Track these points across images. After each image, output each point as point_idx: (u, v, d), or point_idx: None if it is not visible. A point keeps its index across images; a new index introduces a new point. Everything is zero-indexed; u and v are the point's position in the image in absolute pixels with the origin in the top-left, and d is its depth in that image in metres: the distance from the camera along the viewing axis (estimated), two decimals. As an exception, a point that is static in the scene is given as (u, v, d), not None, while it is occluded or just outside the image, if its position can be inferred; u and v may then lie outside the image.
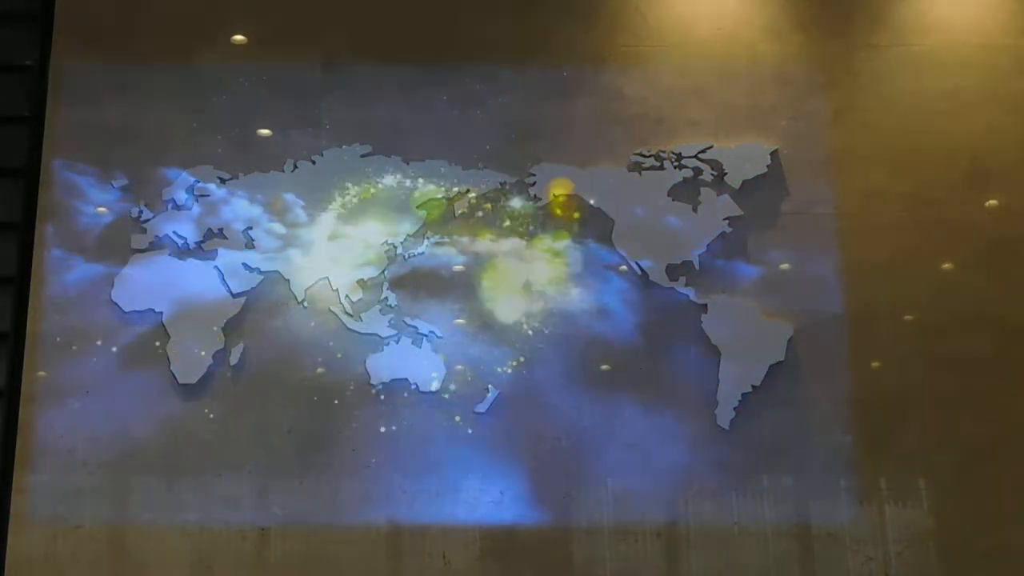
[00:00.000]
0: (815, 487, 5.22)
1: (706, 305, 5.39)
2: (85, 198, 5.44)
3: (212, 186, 5.46)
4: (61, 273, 5.35)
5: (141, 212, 5.43)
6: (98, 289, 5.33)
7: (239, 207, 5.45)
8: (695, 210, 5.51)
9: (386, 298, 5.37)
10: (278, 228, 5.44)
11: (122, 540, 5.10)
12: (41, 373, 5.26)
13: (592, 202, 5.48)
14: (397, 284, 5.38)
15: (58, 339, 5.28)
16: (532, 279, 5.42)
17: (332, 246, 5.43)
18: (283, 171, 5.50)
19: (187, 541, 5.10)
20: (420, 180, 5.50)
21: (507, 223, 5.47)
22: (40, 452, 5.17)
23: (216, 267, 5.38)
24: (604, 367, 5.32)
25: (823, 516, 5.20)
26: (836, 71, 5.68)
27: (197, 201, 5.45)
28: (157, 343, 5.27)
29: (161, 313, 5.31)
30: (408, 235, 5.44)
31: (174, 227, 5.41)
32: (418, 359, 5.30)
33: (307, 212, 5.46)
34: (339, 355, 5.30)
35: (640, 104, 5.62)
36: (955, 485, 5.23)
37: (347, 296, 5.36)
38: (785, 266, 5.46)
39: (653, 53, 5.68)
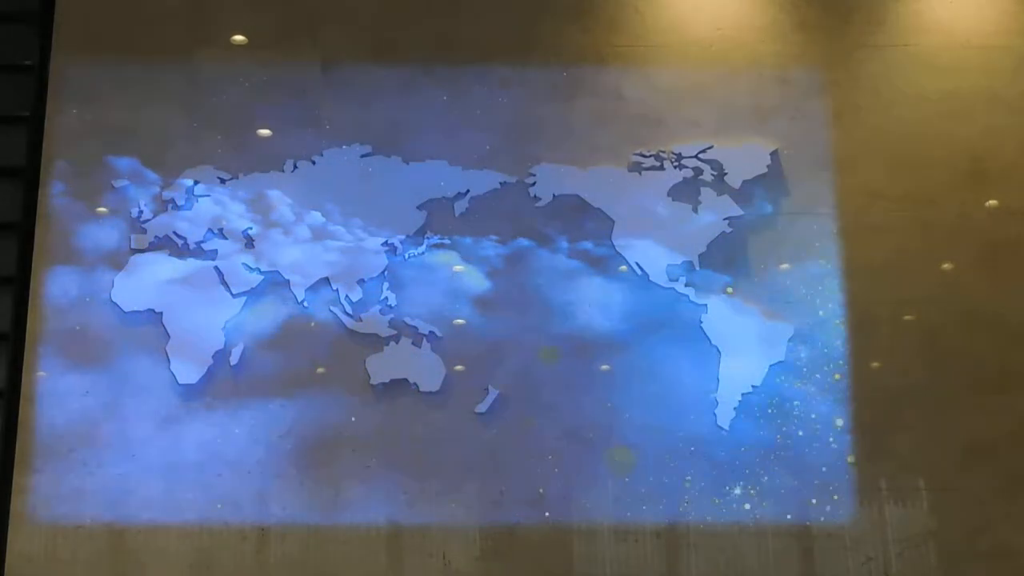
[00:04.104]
0: (815, 487, 5.22)
1: (706, 305, 5.39)
2: (85, 198, 5.43)
3: (212, 186, 5.46)
4: (61, 273, 5.35)
5: (141, 212, 5.43)
6: (98, 289, 5.32)
7: (239, 207, 5.45)
8: (695, 210, 5.51)
9: (386, 298, 5.37)
10: (277, 228, 5.44)
11: (122, 540, 5.10)
12: (41, 373, 5.25)
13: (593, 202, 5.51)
14: (397, 284, 5.38)
15: (58, 339, 5.27)
16: (532, 279, 5.42)
17: (332, 246, 5.42)
18: (283, 171, 5.50)
19: (187, 541, 5.10)
20: (420, 180, 5.49)
21: (507, 223, 5.47)
22: (40, 452, 5.16)
23: (216, 267, 5.38)
24: (604, 367, 5.32)
25: (823, 516, 5.20)
26: (836, 71, 5.68)
27: (197, 201, 5.45)
28: (157, 343, 5.27)
29: (161, 313, 5.30)
30: (408, 235, 5.44)
31: (174, 227, 5.41)
32: (418, 359, 5.30)
33: (306, 212, 5.46)
34: (339, 355, 5.30)
35: (640, 104, 5.61)
36: (955, 485, 5.24)
37: (347, 296, 5.36)
38: (785, 266, 5.46)
39: (653, 53, 5.68)
